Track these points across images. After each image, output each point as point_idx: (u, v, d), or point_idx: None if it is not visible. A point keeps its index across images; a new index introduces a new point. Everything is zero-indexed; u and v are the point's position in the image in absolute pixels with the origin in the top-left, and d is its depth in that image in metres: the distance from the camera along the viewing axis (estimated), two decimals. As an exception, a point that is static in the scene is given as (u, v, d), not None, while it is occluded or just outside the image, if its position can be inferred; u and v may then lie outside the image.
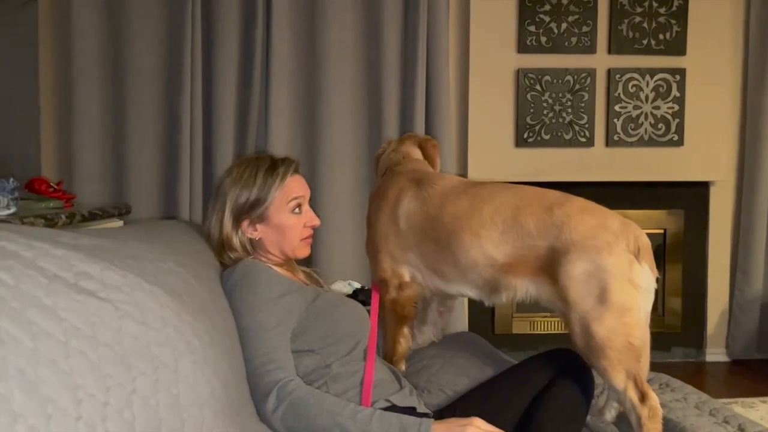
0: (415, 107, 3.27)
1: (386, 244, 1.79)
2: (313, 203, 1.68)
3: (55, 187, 2.55)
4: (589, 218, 1.57)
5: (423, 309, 2.02)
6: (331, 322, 1.52)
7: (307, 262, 1.75)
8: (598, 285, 1.52)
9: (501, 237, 1.63)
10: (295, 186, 1.60)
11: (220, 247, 1.58)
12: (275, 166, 1.59)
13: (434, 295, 1.88)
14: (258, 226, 1.58)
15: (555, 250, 1.57)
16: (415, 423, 1.27)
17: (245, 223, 1.58)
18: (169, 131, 3.28)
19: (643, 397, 1.51)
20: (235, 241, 1.58)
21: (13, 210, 2.16)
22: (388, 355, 1.82)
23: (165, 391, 0.96)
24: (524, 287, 1.64)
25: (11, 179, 2.21)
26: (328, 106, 3.29)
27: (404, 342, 1.84)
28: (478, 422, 1.29)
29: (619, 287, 1.51)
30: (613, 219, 1.58)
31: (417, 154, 2.01)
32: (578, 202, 1.63)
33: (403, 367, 1.83)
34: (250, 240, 1.59)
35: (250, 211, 1.57)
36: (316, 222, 1.64)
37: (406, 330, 1.84)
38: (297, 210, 1.60)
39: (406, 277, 1.80)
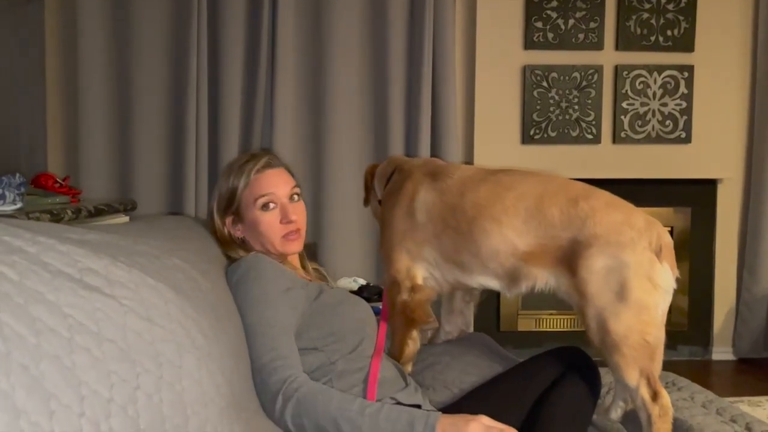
0: (421, 104, 3.26)
1: (402, 240, 1.77)
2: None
3: (62, 182, 2.55)
4: (614, 213, 1.56)
5: (449, 299, 2.01)
6: (334, 320, 1.51)
7: (312, 257, 1.74)
8: (618, 281, 1.51)
9: (523, 225, 1.62)
10: (264, 183, 1.57)
11: (219, 244, 1.61)
12: (246, 163, 1.59)
13: (454, 289, 1.85)
14: (239, 224, 1.60)
15: (577, 243, 1.55)
16: (423, 416, 1.27)
17: (228, 221, 1.60)
18: (175, 127, 3.28)
19: (655, 396, 1.50)
20: (228, 238, 1.61)
21: (19, 205, 2.17)
22: (395, 356, 1.81)
23: (169, 388, 0.96)
24: (544, 278, 1.63)
25: (17, 175, 2.22)
26: (333, 102, 3.29)
27: (412, 345, 1.82)
28: (484, 419, 1.28)
29: (638, 285, 1.51)
30: (638, 216, 1.57)
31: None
32: (604, 196, 1.62)
33: (409, 368, 1.83)
34: (238, 238, 1.61)
35: (228, 209, 1.59)
36: (292, 217, 1.57)
37: (414, 333, 1.81)
38: (266, 207, 1.57)
39: (419, 280, 1.77)
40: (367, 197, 2.07)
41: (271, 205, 1.57)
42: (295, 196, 1.62)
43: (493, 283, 1.73)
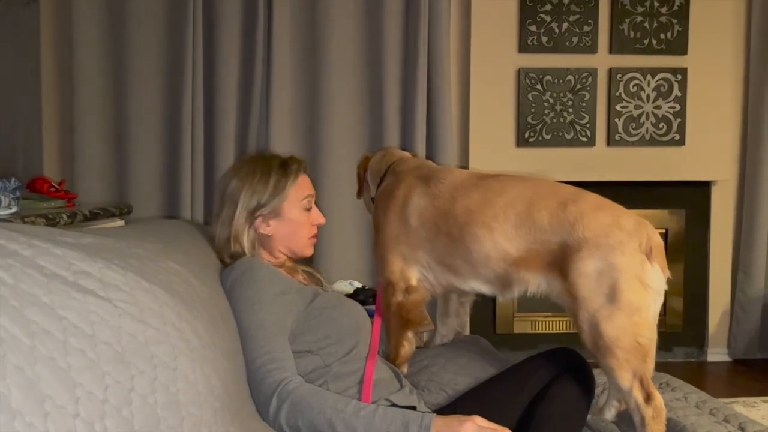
0: (416, 107, 3.27)
1: (396, 243, 1.78)
2: (315, 202, 1.72)
3: (57, 186, 2.55)
4: (602, 216, 1.57)
5: (444, 301, 2.02)
6: (329, 323, 1.52)
7: (308, 260, 1.75)
8: (609, 283, 1.52)
9: (514, 231, 1.63)
10: (307, 184, 1.67)
11: (227, 244, 1.60)
12: (288, 164, 1.64)
13: (447, 292, 1.87)
14: (271, 222, 1.61)
15: (567, 247, 1.57)
16: (417, 417, 1.28)
17: (259, 220, 1.60)
18: (171, 131, 3.28)
19: (648, 397, 1.51)
20: (245, 237, 1.60)
21: (14, 209, 2.16)
22: (391, 358, 1.82)
23: (163, 390, 0.96)
24: (536, 282, 1.64)
25: (13, 179, 2.21)
26: (329, 106, 3.29)
27: (408, 346, 1.83)
28: (478, 420, 1.29)
29: (629, 286, 1.51)
30: (627, 218, 1.58)
31: (408, 156, 2.02)
32: (593, 198, 1.63)
33: (405, 369, 1.83)
34: (260, 237, 1.61)
35: (265, 206, 1.60)
36: (322, 220, 1.70)
37: (410, 334, 1.83)
38: (308, 208, 1.66)
39: (414, 281, 1.79)
40: (360, 190, 2.08)
41: (312, 207, 1.67)
42: None
43: (485, 288, 1.74)
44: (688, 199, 3.64)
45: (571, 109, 3.46)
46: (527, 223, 1.62)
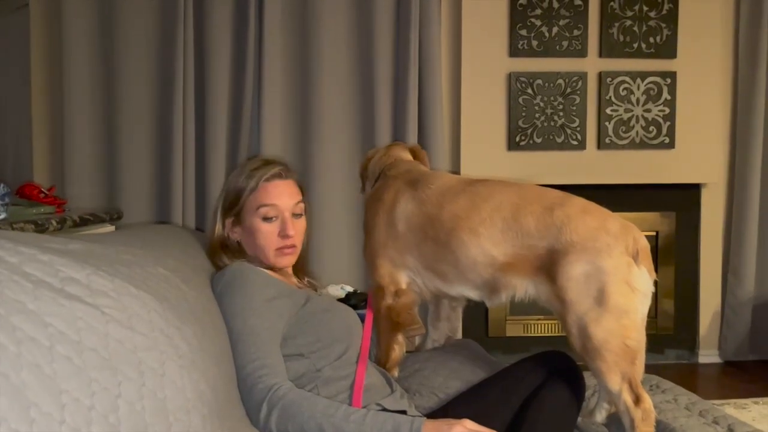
0: (407, 111, 3.27)
1: (385, 248, 1.78)
2: (307, 208, 1.67)
3: (47, 192, 2.54)
4: (589, 220, 1.58)
5: (436, 306, 2.02)
6: (321, 327, 1.52)
7: (302, 264, 1.74)
8: (597, 287, 1.53)
9: (501, 236, 1.63)
10: (271, 192, 1.58)
11: (217, 248, 1.60)
12: (258, 168, 1.60)
13: (435, 297, 1.87)
14: (237, 227, 1.61)
15: (554, 251, 1.57)
16: (408, 421, 1.28)
17: (228, 222, 1.61)
18: (162, 136, 3.28)
19: (637, 400, 1.52)
20: (223, 240, 1.61)
21: (3, 216, 2.16)
22: (381, 361, 1.82)
23: (151, 396, 0.96)
24: (523, 287, 1.65)
25: (2, 185, 2.21)
26: (320, 111, 3.30)
27: (398, 349, 1.84)
28: (467, 423, 1.29)
29: (617, 289, 1.52)
30: (613, 221, 1.58)
31: (408, 156, 2.01)
32: (579, 202, 1.63)
33: (396, 373, 1.84)
34: (237, 241, 1.61)
35: (230, 209, 1.60)
36: (290, 232, 1.58)
37: (400, 337, 1.83)
38: (267, 218, 1.57)
39: (403, 285, 1.79)
40: (363, 185, 2.08)
41: (272, 217, 1.57)
42: (298, 212, 1.62)
43: (473, 293, 1.74)
44: (678, 201, 3.65)
45: (561, 113, 3.47)
46: (514, 228, 1.62)
